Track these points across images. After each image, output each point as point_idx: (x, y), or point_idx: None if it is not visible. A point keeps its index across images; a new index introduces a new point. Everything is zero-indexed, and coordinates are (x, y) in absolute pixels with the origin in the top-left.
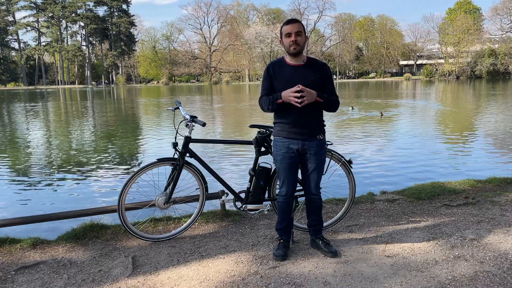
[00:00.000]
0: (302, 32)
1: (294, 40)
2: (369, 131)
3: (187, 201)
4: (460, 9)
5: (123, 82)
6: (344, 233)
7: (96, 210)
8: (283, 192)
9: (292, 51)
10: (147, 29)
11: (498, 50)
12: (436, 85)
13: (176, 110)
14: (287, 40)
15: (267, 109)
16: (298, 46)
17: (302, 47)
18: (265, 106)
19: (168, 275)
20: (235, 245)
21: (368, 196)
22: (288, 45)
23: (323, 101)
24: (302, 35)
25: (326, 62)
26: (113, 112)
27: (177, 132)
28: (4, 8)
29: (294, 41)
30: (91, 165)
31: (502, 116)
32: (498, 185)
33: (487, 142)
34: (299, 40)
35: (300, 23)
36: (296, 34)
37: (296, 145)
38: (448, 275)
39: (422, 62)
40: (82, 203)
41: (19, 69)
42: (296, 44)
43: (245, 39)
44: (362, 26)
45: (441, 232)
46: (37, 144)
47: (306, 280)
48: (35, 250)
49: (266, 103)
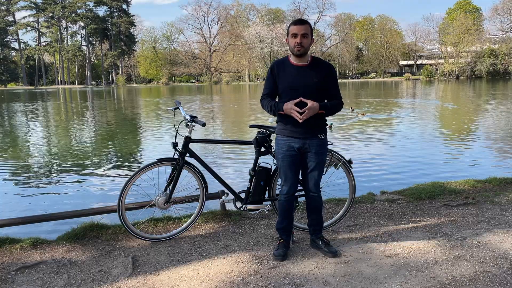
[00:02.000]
0: (308, 34)
1: (299, 42)
2: (369, 131)
3: (187, 201)
4: (460, 9)
5: (123, 82)
6: (344, 233)
7: (96, 210)
8: (285, 191)
9: (296, 52)
10: (147, 29)
11: (498, 50)
12: (436, 85)
13: (176, 110)
14: (293, 41)
15: (268, 112)
16: (302, 48)
17: (307, 49)
18: (266, 109)
19: (168, 275)
20: (235, 245)
21: (368, 196)
22: (293, 45)
23: (325, 112)
24: (308, 37)
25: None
26: (113, 112)
27: (177, 132)
28: (4, 8)
29: (299, 43)
30: (91, 165)
31: (502, 116)
32: (498, 185)
33: (487, 142)
34: (304, 42)
35: (307, 24)
36: (302, 36)
37: (297, 143)
38: (448, 275)
39: (422, 62)
40: (82, 203)
41: (19, 69)
42: (301, 46)
43: (245, 39)
44: (362, 26)
45: (441, 232)
46: (37, 144)
47: (306, 280)
48: (35, 250)
49: (267, 108)
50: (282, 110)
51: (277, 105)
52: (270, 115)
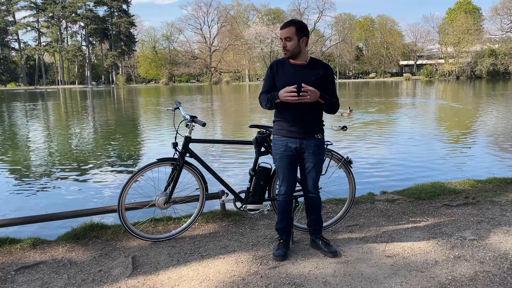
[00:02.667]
0: (291, 36)
1: (284, 45)
2: (369, 131)
3: (187, 201)
4: (460, 9)
5: (123, 82)
6: (344, 233)
7: (96, 210)
8: (283, 191)
9: (284, 56)
10: (147, 29)
11: (498, 50)
12: (436, 85)
13: (176, 110)
14: (281, 45)
15: (265, 106)
16: (288, 51)
17: (294, 51)
18: (263, 103)
19: (168, 275)
20: (235, 245)
21: (368, 196)
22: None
23: (324, 102)
24: (292, 39)
25: (326, 62)
26: (113, 112)
27: (177, 132)
28: (4, 8)
29: (284, 46)
30: (91, 165)
31: (502, 116)
32: (498, 185)
33: (487, 142)
34: (288, 45)
35: (291, 26)
36: (285, 39)
37: (295, 143)
38: (448, 275)
39: (422, 62)
40: (82, 203)
41: (19, 69)
42: (286, 50)
43: (245, 39)
44: (362, 26)
45: (441, 232)
46: (37, 144)
47: (306, 280)
48: (35, 250)
49: (264, 101)
50: (278, 98)
51: (273, 95)
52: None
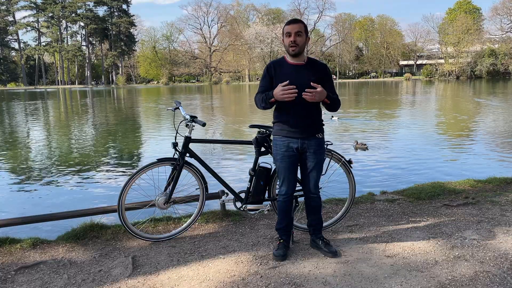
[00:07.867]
0: (302, 32)
1: (293, 40)
2: (369, 131)
3: (187, 201)
4: (460, 9)
5: (123, 82)
6: (344, 233)
7: (96, 210)
8: (283, 192)
9: (291, 52)
10: (147, 29)
11: (498, 50)
12: (436, 85)
13: (176, 110)
14: (287, 40)
15: (260, 106)
16: (297, 46)
17: (302, 48)
18: (258, 103)
19: (168, 275)
20: (235, 245)
21: (368, 196)
22: (287, 45)
23: (330, 102)
24: (303, 35)
25: (326, 63)
26: (113, 112)
27: (177, 132)
28: (4, 8)
29: (293, 41)
30: (91, 165)
31: (502, 116)
32: (498, 185)
33: (487, 142)
34: (298, 40)
35: (301, 23)
36: (295, 34)
37: (296, 143)
38: (448, 275)
39: (422, 62)
40: (82, 203)
41: (19, 69)
42: (295, 45)
43: (245, 39)
44: (362, 26)
45: (441, 232)
46: (37, 144)
47: (306, 280)
48: (35, 250)
49: (259, 101)
50: (273, 97)
51: (268, 94)
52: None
